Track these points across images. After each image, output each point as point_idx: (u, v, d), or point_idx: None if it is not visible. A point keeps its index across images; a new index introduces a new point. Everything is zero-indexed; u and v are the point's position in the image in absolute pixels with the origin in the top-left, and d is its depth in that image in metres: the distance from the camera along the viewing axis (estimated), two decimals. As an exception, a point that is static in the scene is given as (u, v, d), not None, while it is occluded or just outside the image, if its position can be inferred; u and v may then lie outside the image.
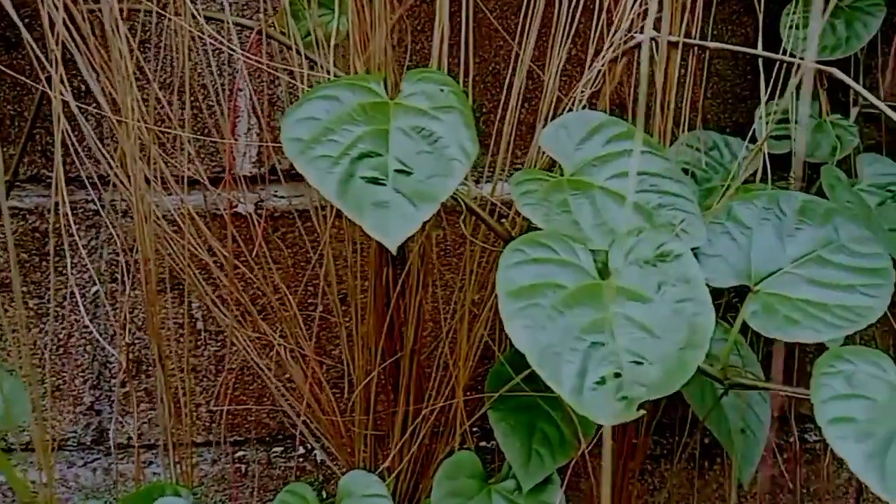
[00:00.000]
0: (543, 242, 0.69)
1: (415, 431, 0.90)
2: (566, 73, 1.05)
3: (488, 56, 1.10)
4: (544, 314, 0.64)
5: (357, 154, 0.70)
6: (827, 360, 0.65)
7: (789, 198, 0.79)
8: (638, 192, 0.77)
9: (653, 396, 0.59)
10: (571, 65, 1.04)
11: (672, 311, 0.65)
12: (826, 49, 1.18)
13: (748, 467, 0.88)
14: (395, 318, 0.91)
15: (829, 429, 0.60)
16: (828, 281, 0.73)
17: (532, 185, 0.77)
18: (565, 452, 0.85)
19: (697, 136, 1.17)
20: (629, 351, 0.63)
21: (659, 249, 0.68)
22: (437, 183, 0.70)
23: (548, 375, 0.60)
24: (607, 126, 0.81)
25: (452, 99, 0.75)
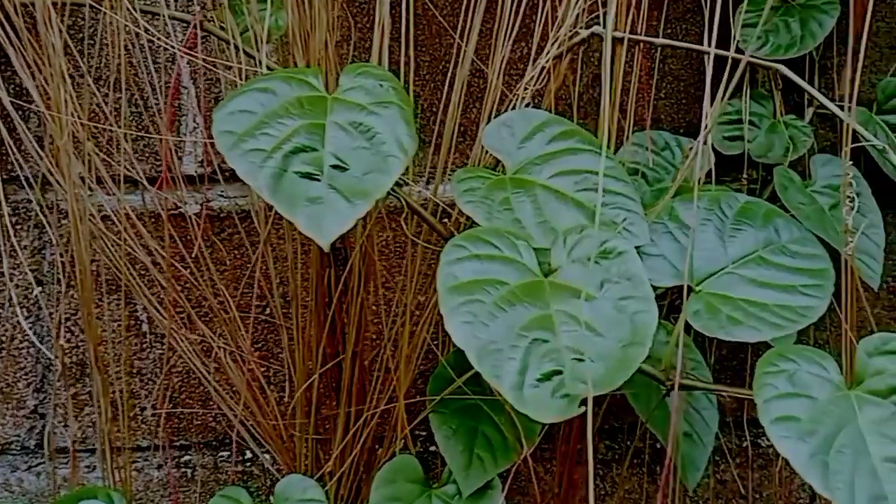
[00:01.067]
0: (486, 239, 0.68)
1: (357, 435, 0.88)
2: (517, 72, 1.03)
3: (438, 55, 1.08)
4: (486, 310, 0.62)
5: (291, 148, 0.68)
6: (770, 359, 0.64)
7: (730, 199, 0.79)
8: (580, 191, 0.75)
9: (594, 393, 0.58)
10: (523, 63, 1.02)
11: (615, 309, 0.64)
12: (780, 48, 1.17)
13: (694, 472, 0.87)
14: (338, 320, 0.89)
15: (772, 427, 0.60)
16: (768, 281, 0.72)
17: (474, 182, 0.76)
18: (508, 457, 0.83)
19: (650, 137, 1.16)
20: (571, 348, 0.61)
21: (602, 247, 0.67)
22: (373, 179, 0.68)
23: (488, 372, 0.59)
24: (550, 124, 0.80)
25: (392, 94, 0.73)
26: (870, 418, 0.60)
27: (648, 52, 1.13)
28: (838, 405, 0.61)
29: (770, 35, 1.18)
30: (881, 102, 1.23)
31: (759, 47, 1.17)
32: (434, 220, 0.79)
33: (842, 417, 0.60)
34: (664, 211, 0.78)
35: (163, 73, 0.95)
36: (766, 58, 1.15)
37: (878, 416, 0.60)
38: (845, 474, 0.57)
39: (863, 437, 0.59)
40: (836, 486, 0.56)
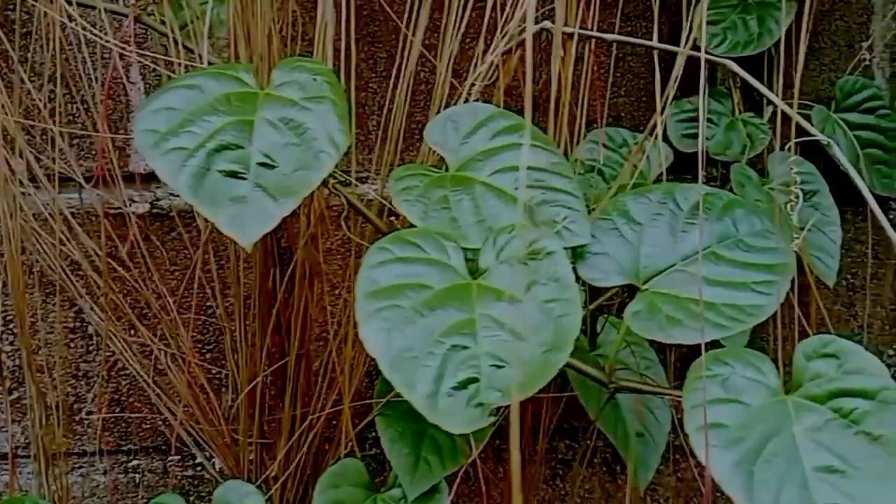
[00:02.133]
0: (412, 241, 0.64)
1: (302, 438, 0.85)
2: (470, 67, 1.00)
3: (394, 51, 1.05)
4: (403, 316, 0.59)
5: (215, 146, 0.64)
6: (704, 362, 0.61)
7: (686, 191, 0.74)
8: (521, 188, 0.72)
9: (507, 402, 0.55)
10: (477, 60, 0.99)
11: (540, 312, 0.60)
12: (738, 45, 1.15)
13: (645, 472, 0.84)
14: (283, 322, 0.86)
15: (695, 436, 0.56)
16: (719, 278, 0.69)
17: (413, 180, 0.72)
18: (455, 460, 0.80)
19: (608, 134, 1.13)
20: (491, 354, 0.58)
21: (531, 247, 0.64)
22: (302, 177, 0.64)
23: (400, 381, 0.55)
24: (496, 119, 0.77)
25: (326, 88, 0.70)
26: (805, 425, 0.57)
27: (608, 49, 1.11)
28: (772, 411, 0.58)
29: (728, 32, 1.16)
30: (839, 101, 1.22)
31: (718, 45, 1.15)
32: (377, 218, 0.76)
33: (775, 424, 0.57)
34: (613, 207, 0.74)
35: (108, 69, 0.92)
36: (720, 55, 1.13)
37: (814, 423, 0.57)
38: (772, 484, 0.53)
39: (796, 446, 0.56)
40: (761, 497, 0.53)
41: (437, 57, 0.85)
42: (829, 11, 1.26)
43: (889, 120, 1.22)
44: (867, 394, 0.57)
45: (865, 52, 1.26)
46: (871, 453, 0.55)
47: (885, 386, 0.57)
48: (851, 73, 1.23)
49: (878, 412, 0.56)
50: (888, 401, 0.56)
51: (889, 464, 0.54)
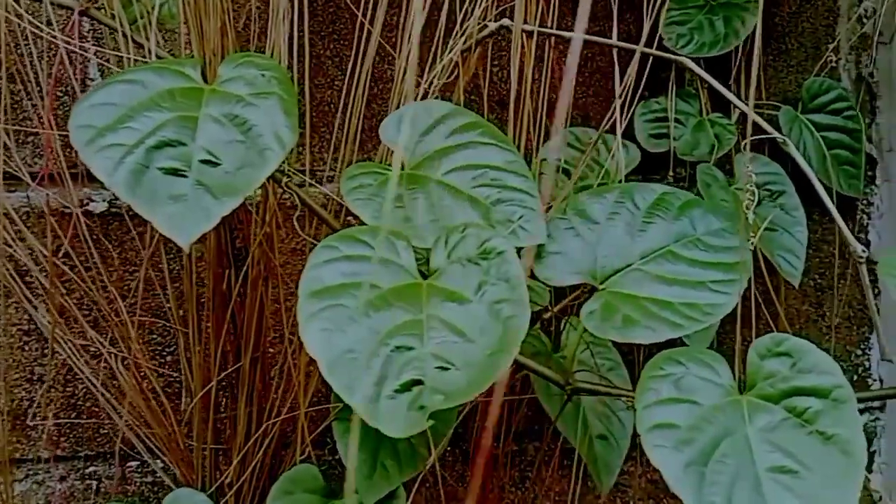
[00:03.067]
0: (361, 239, 0.62)
1: (258, 444, 0.82)
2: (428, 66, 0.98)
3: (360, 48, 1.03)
4: (347, 316, 0.56)
5: (155, 143, 0.62)
6: (658, 362, 0.59)
7: (644, 191, 0.73)
8: (477, 187, 0.70)
9: (449, 405, 0.53)
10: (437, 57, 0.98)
11: (489, 313, 0.58)
12: (705, 46, 1.14)
13: (608, 475, 0.82)
14: (238, 324, 0.83)
15: (647, 436, 0.54)
16: (676, 277, 0.67)
17: (366, 178, 0.70)
18: (414, 465, 0.78)
19: (574, 133, 1.12)
20: (437, 356, 0.56)
21: (482, 247, 0.62)
22: (246, 175, 0.62)
23: (339, 384, 0.53)
24: (452, 116, 0.75)
25: (273, 84, 0.67)
26: (759, 425, 0.55)
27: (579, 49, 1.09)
28: (726, 411, 0.56)
29: (695, 33, 1.15)
30: (806, 102, 1.21)
31: (685, 45, 1.14)
32: (330, 217, 0.73)
33: (728, 425, 0.55)
34: (570, 206, 0.73)
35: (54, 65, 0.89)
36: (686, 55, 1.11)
37: (768, 423, 0.55)
38: (723, 486, 0.52)
39: (749, 446, 0.54)
40: (711, 499, 0.51)
41: (397, 53, 0.83)
42: (796, 13, 1.25)
43: (855, 121, 1.21)
44: (820, 392, 0.55)
45: (832, 54, 1.25)
46: (824, 453, 0.53)
47: (838, 384, 0.55)
48: (818, 75, 1.22)
49: (831, 411, 0.54)
50: (841, 399, 0.54)
51: (841, 464, 0.52)
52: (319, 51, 1.03)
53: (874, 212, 1.26)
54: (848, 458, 0.53)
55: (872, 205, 1.25)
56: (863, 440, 0.53)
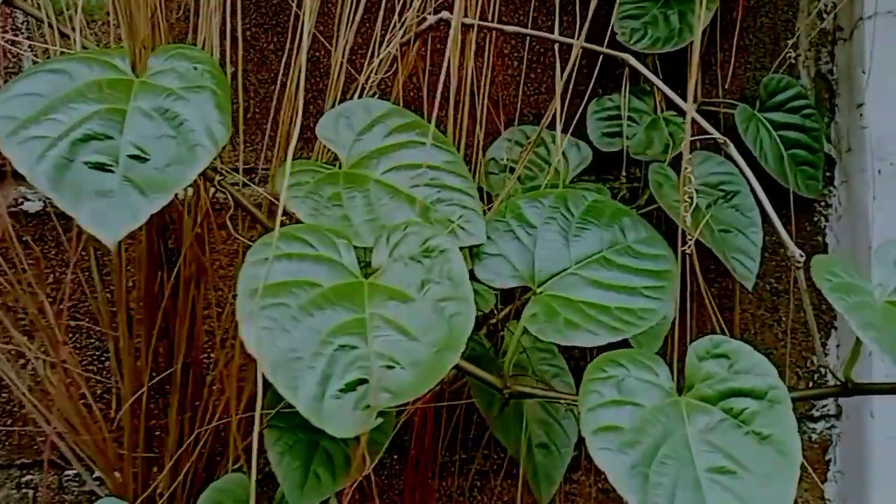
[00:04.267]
0: (300, 237, 0.65)
1: (190, 452, 0.84)
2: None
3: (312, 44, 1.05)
4: (289, 315, 0.59)
5: (81, 136, 0.64)
6: (599, 364, 0.63)
7: (577, 197, 0.78)
8: (416, 187, 0.73)
9: (397, 403, 0.55)
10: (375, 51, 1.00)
11: (433, 311, 0.61)
12: (659, 41, 1.17)
13: (548, 486, 0.85)
14: (170, 328, 0.85)
15: (592, 439, 0.58)
16: (611, 283, 0.71)
17: (304, 177, 0.73)
18: (349, 473, 0.80)
19: (524, 132, 1.15)
20: (382, 354, 0.59)
21: (425, 245, 0.65)
22: (176, 171, 0.64)
23: (283, 384, 0.56)
24: (391, 116, 0.78)
25: (206, 78, 0.69)
26: (698, 427, 0.59)
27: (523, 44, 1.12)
28: (666, 413, 0.60)
29: (649, 27, 1.18)
30: (764, 99, 1.25)
31: (639, 40, 1.18)
32: (264, 216, 0.76)
33: (668, 426, 0.59)
34: (507, 209, 0.76)
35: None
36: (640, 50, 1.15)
37: (706, 425, 0.59)
38: (666, 487, 0.56)
39: (689, 447, 0.58)
40: (656, 500, 0.55)
41: (333, 46, 0.85)
42: (755, 8, 1.29)
43: (814, 120, 1.25)
44: (756, 394, 0.59)
45: (791, 50, 1.29)
46: (761, 453, 0.57)
47: (773, 385, 0.59)
48: (777, 72, 1.26)
49: (767, 412, 0.58)
50: (776, 400, 0.58)
51: (777, 463, 0.56)
52: (263, 44, 1.04)
53: (832, 214, 1.30)
54: (784, 458, 0.57)
55: (830, 206, 1.30)
56: (797, 440, 0.57)
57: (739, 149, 1.21)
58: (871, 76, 1.24)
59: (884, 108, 1.23)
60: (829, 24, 1.30)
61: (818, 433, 1.28)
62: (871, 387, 0.67)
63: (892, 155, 1.23)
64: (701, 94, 1.27)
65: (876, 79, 1.23)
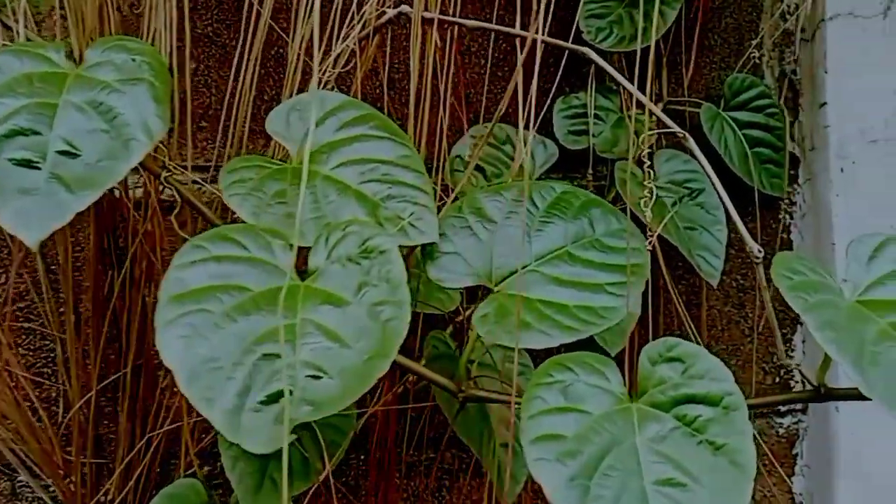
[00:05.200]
0: (233, 237, 0.58)
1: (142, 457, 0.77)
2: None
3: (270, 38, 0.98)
4: (211, 322, 0.53)
5: (6, 132, 0.58)
6: (547, 368, 0.57)
7: (544, 190, 0.71)
8: (366, 182, 0.67)
9: (318, 417, 0.49)
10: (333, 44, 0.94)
11: (368, 315, 0.55)
12: (623, 40, 1.12)
13: (513, 484, 0.79)
14: (121, 329, 0.78)
15: (530, 449, 0.51)
16: (572, 279, 0.65)
17: (248, 173, 0.67)
18: (307, 478, 0.74)
19: (490, 130, 1.09)
20: (309, 363, 0.52)
21: (364, 245, 0.59)
22: (108, 167, 0.58)
23: (198, 395, 0.49)
24: (344, 109, 0.71)
25: (144, 70, 0.63)
26: (648, 435, 0.53)
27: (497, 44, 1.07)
28: (614, 421, 0.54)
29: (614, 26, 1.13)
30: (728, 99, 1.20)
31: (604, 38, 1.13)
32: (211, 213, 0.69)
33: (617, 435, 0.53)
34: (466, 204, 0.70)
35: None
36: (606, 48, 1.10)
37: (657, 433, 0.53)
38: (608, 500, 0.49)
39: (637, 457, 0.52)
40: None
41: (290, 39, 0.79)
42: (720, 8, 1.25)
43: (777, 119, 1.21)
44: (710, 400, 0.54)
45: (755, 50, 1.25)
46: (714, 464, 0.51)
47: (729, 391, 0.53)
48: (741, 71, 1.22)
49: (722, 419, 0.52)
50: (732, 407, 0.53)
51: (730, 476, 0.51)
52: (225, 40, 0.98)
53: (797, 211, 1.26)
54: (737, 470, 0.51)
55: (795, 204, 1.25)
56: (752, 450, 0.51)
57: (705, 148, 1.17)
58: (833, 76, 1.19)
59: (845, 107, 1.19)
60: (792, 25, 1.26)
61: (785, 428, 1.23)
62: (843, 392, 0.60)
63: (855, 153, 1.18)
64: (667, 93, 1.22)
65: (837, 78, 1.19)
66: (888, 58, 1.19)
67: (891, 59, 1.19)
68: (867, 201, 1.18)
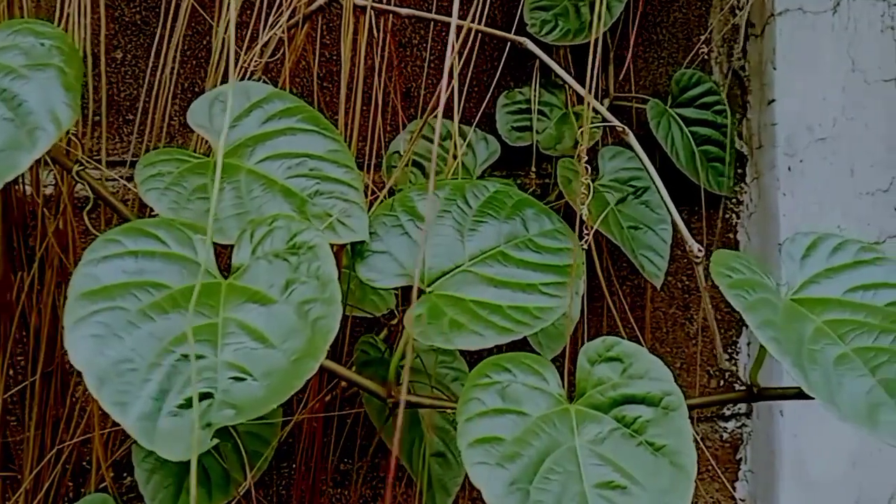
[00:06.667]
0: (151, 232, 0.57)
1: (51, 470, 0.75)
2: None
3: (203, 27, 0.97)
4: (125, 320, 0.52)
5: None
6: (483, 370, 0.57)
7: (477, 188, 0.71)
8: (293, 177, 0.66)
9: (241, 421, 0.49)
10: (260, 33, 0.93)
11: (296, 314, 0.54)
12: (570, 33, 1.13)
13: (444, 495, 0.79)
14: (30, 335, 0.76)
15: (468, 452, 0.51)
16: (506, 279, 0.65)
17: (166, 166, 0.65)
18: (226, 491, 0.73)
19: (430, 124, 1.09)
20: (232, 364, 0.52)
21: (292, 241, 0.58)
22: (10, 157, 0.56)
23: (109, 399, 0.48)
24: (270, 101, 0.71)
25: (54, 55, 0.62)
26: (587, 437, 0.54)
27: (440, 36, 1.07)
28: (554, 422, 0.54)
29: (559, 19, 1.14)
30: (675, 95, 1.22)
31: (549, 31, 1.13)
32: (126, 209, 0.68)
33: (556, 437, 0.53)
34: (398, 202, 0.70)
35: None
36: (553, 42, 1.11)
37: (597, 435, 0.54)
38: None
39: (577, 460, 0.52)
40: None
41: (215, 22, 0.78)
42: (668, 2, 1.26)
43: (725, 116, 1.23)
44: (650, 400, 0.54)
45: (703, 46, 1.27)
46: (654, 465, 0.52)
47: (668, 391, 0.54)
48: (689, 67, 1.24)
49: (661, 420, 0.53)
50: (671, 407, 0.53)
51: (671, 477, 0.51)
52: (154, 29, 0.96)
53: (744, 210, 1.28)
54: (678, 471, 0.52)
55: (742, 203, 1.28)
56: (693, 450, 0.52)
57: (653, 145, 1.18)
58: (782, 72, 1.22)
59: (793, 104, 1.22)
60: (742, 20, 1.29)
61: (729, 432, 1.25)
62: (778, 391, 0.62)
63: (802, 151, 1.21)
64: (614, 88, 1.23)
65: (786, 75, 1.21)
66: (837, 54, 1.22)
67: (839, 56, 1.22)
68: (814, 200, 1.21)
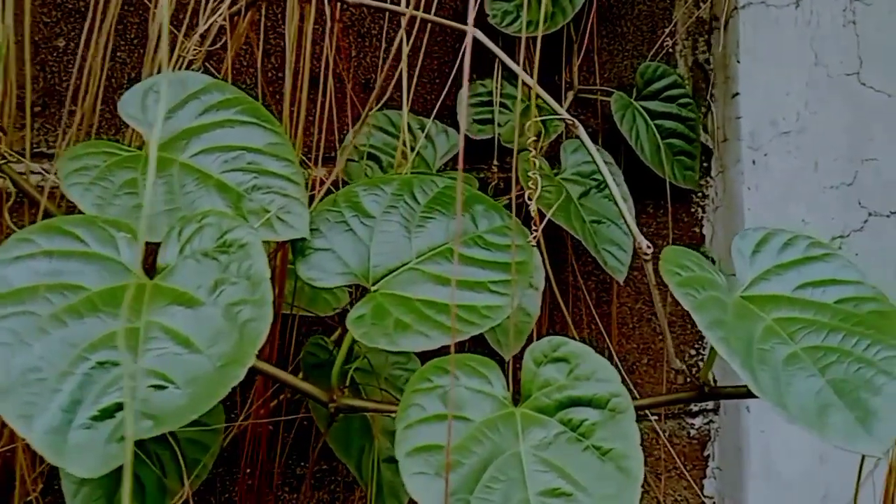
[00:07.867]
0: (69, 230, 0.54)
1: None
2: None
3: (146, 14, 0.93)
4: (35, 326, 0.48)
5: None
6: (425, 372, 0.54)
7: (426, 184, 0.69)
8: (229, 171, 0.63)
9: (160, 432, 0.46)
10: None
11: (224, 316, 0.52)
12: (530, 25, 1.11)
13: (395, 502, 0.76)
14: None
15: (406, 462, 0.49)
16: (456, 277, 0.62)
17: (92, 160, 0.62)
18: (162, 501, 0.70)
19: (388, 117, 1.07)
20: (153, 371, 0.49)
21: (222, 239, 0.55)
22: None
23: (13, 412, 0.45)
24: (209, 91, 0.68)
25: (-31, 43, 0.58)
26: (532, 442, 0.51)
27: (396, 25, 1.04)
28: (497, 428, 0.52)
29: (521, 10, 1.12)
30: (640, 87, 1.21)
31: (510, 22, 1.11)
32: (51, 205, 0.65)
33: (500, 443, 0.51)
34: (342, 198, 0.67)
35: None
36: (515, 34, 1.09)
37: (543, 440, 0.51)
38: (490, 515, 0.47)
39: (521, 467, 0.50)
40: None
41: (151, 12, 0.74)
42: (634, -5, 1.25)
43: (690, 109, 1.22)
44: (597, 402, 0.52)
45: (668, 38, 1.25)
46: (601, 471, 0.50)
47: (616, 393, 0.52)
48: (654, 60, 1.22)
49: (608, 423, 0.51)
50: (618, 410, 0.51)
51: (618, 482, 0.49)
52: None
53: (709, 204, 1.27)
54: (624, 476, 0.49)
55: (708, 197, 1.26)
56: (640, 454, 0.50)
57: (616, 140, 1.16)
58: (746, 66, 1.21)
59: (757, 97, 1.20)
60: (706, 13, 1.27)
61: (696, 429, 1.24)
62: (728, 390, 0.60)
63: (767, 145, 1.20)
64: (578, 81, 1.21)
65: (750, 69, 1.20)
66: (800, 48, 1.21)
67: (802, 50, 1.21)
68: (779, 194, 1.20)
